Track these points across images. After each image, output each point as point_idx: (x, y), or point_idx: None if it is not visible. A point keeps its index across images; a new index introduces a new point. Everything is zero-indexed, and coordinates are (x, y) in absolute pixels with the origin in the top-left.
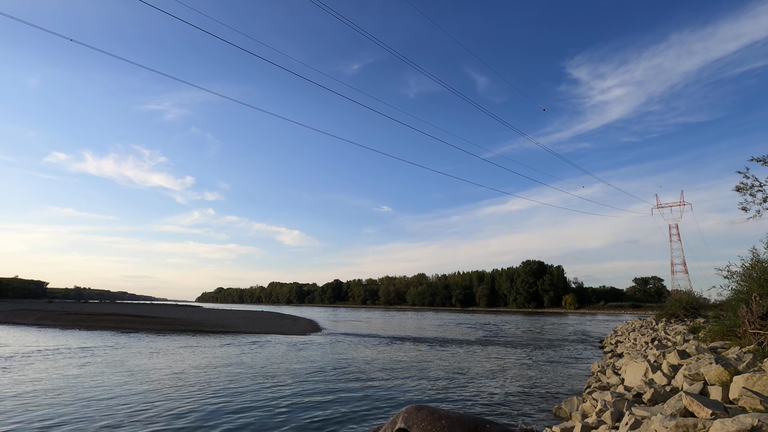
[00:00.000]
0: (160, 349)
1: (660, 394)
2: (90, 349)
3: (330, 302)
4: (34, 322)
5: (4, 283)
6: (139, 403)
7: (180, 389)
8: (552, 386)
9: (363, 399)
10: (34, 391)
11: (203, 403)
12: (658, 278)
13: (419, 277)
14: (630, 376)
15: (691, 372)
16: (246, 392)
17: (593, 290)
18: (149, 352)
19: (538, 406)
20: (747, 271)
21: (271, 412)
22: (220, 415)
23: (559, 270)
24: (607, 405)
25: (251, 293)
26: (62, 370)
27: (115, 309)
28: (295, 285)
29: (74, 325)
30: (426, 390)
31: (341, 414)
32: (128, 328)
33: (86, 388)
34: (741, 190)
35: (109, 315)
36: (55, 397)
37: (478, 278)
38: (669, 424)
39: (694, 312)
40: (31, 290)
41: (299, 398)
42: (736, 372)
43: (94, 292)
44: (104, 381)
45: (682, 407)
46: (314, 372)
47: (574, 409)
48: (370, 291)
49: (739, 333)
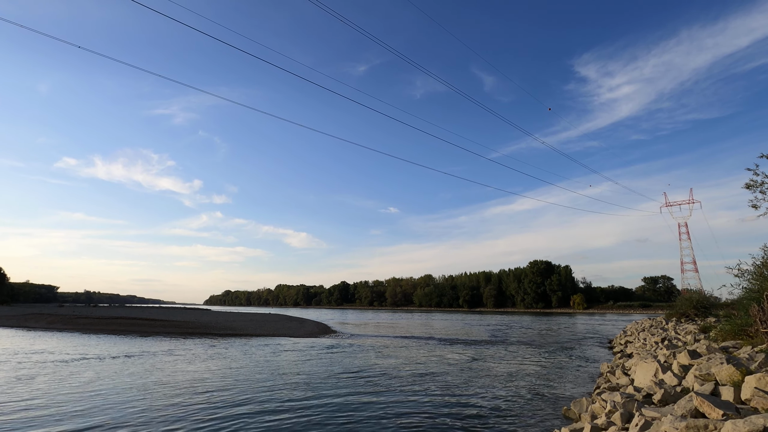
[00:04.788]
0: (171, 353)
1: (670, 394)
2: (101, 353)
3: (337, 304)
4: (46, 326)
5: (16, 287)
6: (146, 409)
7: (194, 395)
8: (561, 387)
9: (374, 404)
10: (44, 395)
11: (217, 408)
12: (667, 277)
13: (426, 278)
14: (640, 376)
15: (702, 372)
16: (260, 398)
17: (602, 290)
18: (160, 355)
19: (547, 407)
20: (758, 269)
21: (284, 417)
22: (241, 420)
23: (567, 270)
24: (616, 406)
25: (258, 296)
26: (72, 374)
27: (125, 313)
28: (302, 287)
29: (85, 329)
30: (436, 392)
31: (355, 421)
32: (137, 332)
33: (97, 392)
34: (751, 187)
35: (119, 318)
36: (75, 402)
37: (485, 279)
38: (679, 425)
39: (705, 311)
40: (42, 294)
41: (313, 401)
42: (748, 372)
43: (104, 296)
44: (115, 385)
45: (693, 408)
46: (325, 377)
47: (584, 411)
48: (377, 292)
49: (751, 332)
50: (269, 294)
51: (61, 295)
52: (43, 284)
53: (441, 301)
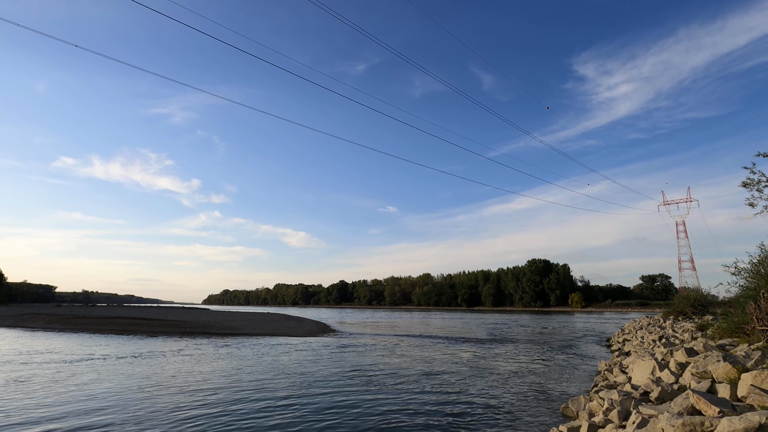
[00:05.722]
0: (169, 353)
1: (667, 392)
2: (98, 353)
3: (336, 303)
4: (43, 326)
5: (14, 287)
6: (148, 409)
7: (194, 395)
8: (559, 385)
9: (374, 402)
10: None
11: (217, 408)
12: (665, 276)
13: (425, 277)
14: (637, 374)
15: (699, 370)
16: (259, 398)
17: (600, 288)
18: (158, 355)
19: (545, 405)
20: (755, 267)
21: (283, 417)
22: (243, 421)
23: (566, 268)
24: (614, 404)
25: (257, 295)
26: (74, 375)
27: (123, 312)
28: (300, 286)
29: (83, 329)
30: (436, 389)
31: (355, 421)
32: (136, 332)
33: (96, 393)
34: (748, 185)
35: (117, 318)
36: (76, 400)
37: (483, 278)
38: (676, 422)
39: (702, 309)
40: (39, 294)
41: (314, 401)
42: (744, 369)
43: (102, 296)
44: (114, 386)
45: (690, 405)
46: (326, 376)
47: (581, 408)
48: (376, 292)
49: (748, 330)
50: (268, 293)
51: (59, 295)
52: (41, 284)
53: (440, 300)
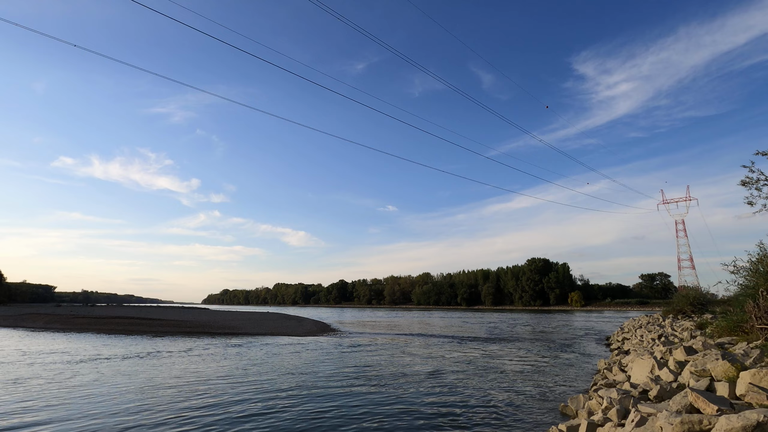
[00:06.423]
0: (169, 353)
1: (666, 390)
2: (100, 353)
3: (335, 303)
4: (43, 326)
5: (13, 287)
6: (151, 410)
7: (195, 393)
8: (558, 384)
9: (373, 401)
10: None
11: (218, 407)
12: (664, 274)
13: (424, 276)
14: (636, 372)
15: (698, 368)
16: (261, 398)
17: (599, 287)
18: (158, 355)
19: (544, 404)
20: (754, 265)
21: (284, 417)
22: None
23: (565, 267)
24: (612, 402)
25: (257, 294)
26: (76, 375)
27: (123, 312)
28: (300, 286)
29: (83, 329)
30: (435, 388)
31: (354, 420)
32: (136, 331)
33: (96, 394)
34: (746, 184)
35: (117, 318)
36: (72, 400)
37: (483, 277)
38: (674, 420)
39: (702, 308)
40: (39, 294)
41: (315, 400)
42: (742, 368)
43: (102, 296)
44: (112, 387)
45: (688, 404)
46: (326, 375)
47: (581, 407)
48: (376, 291)
49: (747, 328)
50: (267, 293)
51: (59, 294)
52: (41, 284)
53: (439, 299)
